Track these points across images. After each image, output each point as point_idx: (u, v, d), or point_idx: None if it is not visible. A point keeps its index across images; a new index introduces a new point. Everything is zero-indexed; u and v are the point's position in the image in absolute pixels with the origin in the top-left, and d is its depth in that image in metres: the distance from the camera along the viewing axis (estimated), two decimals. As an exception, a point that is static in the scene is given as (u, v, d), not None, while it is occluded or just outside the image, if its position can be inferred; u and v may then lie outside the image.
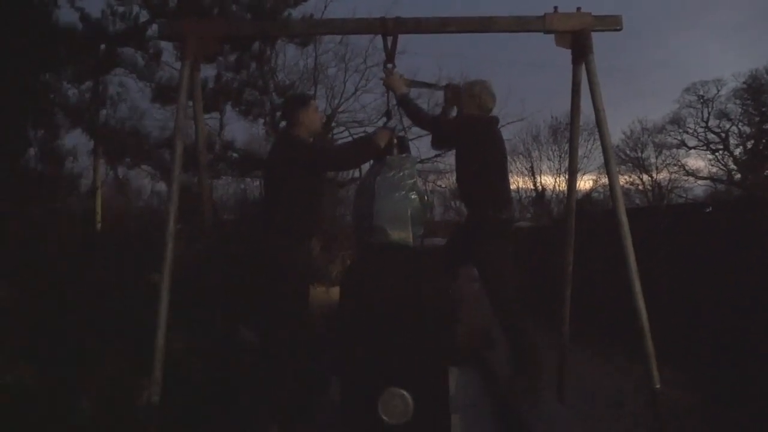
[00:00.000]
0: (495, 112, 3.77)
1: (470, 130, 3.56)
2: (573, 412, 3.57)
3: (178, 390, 3.33)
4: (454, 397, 3.15)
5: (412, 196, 3.20)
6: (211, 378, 3.51)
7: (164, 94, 9.44)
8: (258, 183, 14.28)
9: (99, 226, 7.96)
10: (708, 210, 6.80)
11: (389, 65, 3.58)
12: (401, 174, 3.25)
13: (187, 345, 3.68)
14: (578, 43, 3.34)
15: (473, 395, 4.00)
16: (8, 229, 4.12)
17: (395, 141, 3.39)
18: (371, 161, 3.48)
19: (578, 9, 3.38)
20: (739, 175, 26.38)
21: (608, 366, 6.24)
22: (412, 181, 3.26)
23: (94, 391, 3.21)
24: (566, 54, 3.50)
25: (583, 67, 3.35)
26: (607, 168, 3.20)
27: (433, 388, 2.72)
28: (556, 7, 3.40)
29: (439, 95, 4.03)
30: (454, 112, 3.79)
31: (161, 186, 11.42)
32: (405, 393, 2.61)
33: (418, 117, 3.68)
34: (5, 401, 2.84)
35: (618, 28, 3.36)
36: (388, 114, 3.62)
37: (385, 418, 2.60)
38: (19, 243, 4.01)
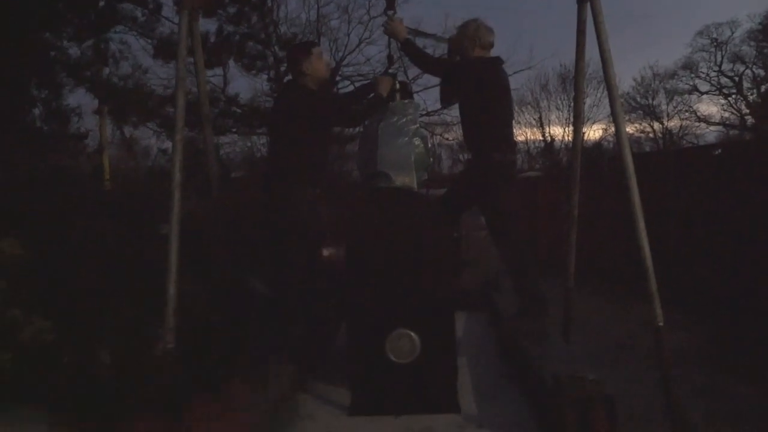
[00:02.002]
0: (503, 58, 3.72)
1: (475, 72, 3.50)
2: (579, 353, 3.65)
3: (193, 337, 3.42)
4: (461, 339, 3.23)
5: (416, 142, 3.20)
6: (224, 325, 3.60)
7: (165, 50, 9.35)
8: (264, 140, 14.22)
9: (107, 184, 8.01)
10: (717, 152, 6.73)
11: (390, 12, 3.53)
12: (404, 120, 3.25)
13: (199, 294, 3.76)
14: (583, -20, 3.26)
15: (479, 337, 4.09)
16: (18, 187, 4.18)
17: (398, 86, 3.38)
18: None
19: (583, -56, 3.29)
20: (752, 120, 25.89)
21: (614, 308, 6.33)
22: (416, 126, 3.26)
23: (113, 342, 3.30)
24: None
25: (588, 6, 3.28)
26: (612, 108, 3.16)
27: (439, 330, 2.78)
28: (560, -56, 3.31)
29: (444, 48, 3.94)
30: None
31: (168, 144, 11.45)
32: (412, 333, 2.68)
33: (422, 61, 3.65)
34: (24, 357, 2.93)
35: (624, -37, 3.27)
36: (390, 59, 3.59)
37: (392, 357, 2.67)
38: (29, 200, 4.06)
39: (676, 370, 3.26)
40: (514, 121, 3.96)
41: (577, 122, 3.98)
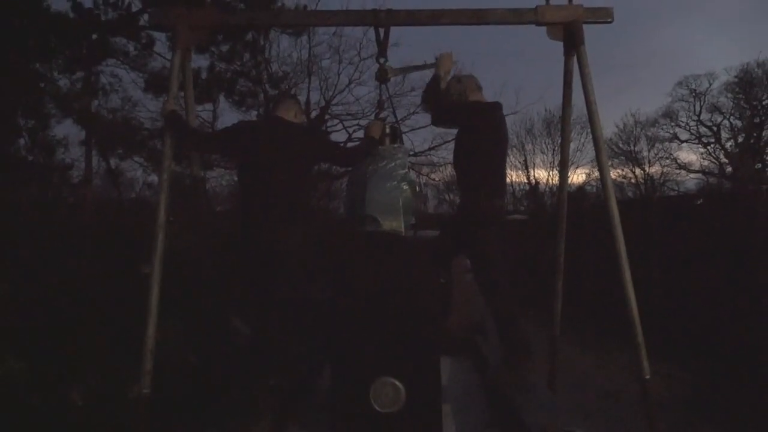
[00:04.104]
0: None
1: (475, 116, 3.48)
2: (565, 402, 3.60)
3: (170, 380, 3.33)
4: (446, 387, 3.17)
5: (404, 186, 3.21)
6: (202, 368, 3.51)
7: (157, 84, 9.38)
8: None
9: (92, 216, 7.91)
10: (699, 202, 6.84)
11: (382, 59, 3.53)
12: (393, 164, 3.26)
13: (178, 336, 3.67)
14: (570, 34, 3.35)
15: (465, 385, 4.02)
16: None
17: (387, 131, 3.40)
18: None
19: (570, 1, 3.39)
20: (730, 169, 26.51)
21: (600, 356, 6.30)
22: (404, 171, 3.27)
23: (86, 385, 3.20)
24: (559, 46, 3.51)
25: (575, 58, 3.36)
26: (598, 159, 3.22)
27: (424, 378, 2.73)
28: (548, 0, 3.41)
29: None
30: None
31: (153, 177, 11.39)
32: (396, 382, 2.63)
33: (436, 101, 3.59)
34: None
35: (609, 20, 3.38)
36: (380, 105, 3.62)
37: (376, 406, 2.61)
38: (7, 233, 3.99)
39: (662, 421, 3.23)
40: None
41: (563, 170, 4.03)
